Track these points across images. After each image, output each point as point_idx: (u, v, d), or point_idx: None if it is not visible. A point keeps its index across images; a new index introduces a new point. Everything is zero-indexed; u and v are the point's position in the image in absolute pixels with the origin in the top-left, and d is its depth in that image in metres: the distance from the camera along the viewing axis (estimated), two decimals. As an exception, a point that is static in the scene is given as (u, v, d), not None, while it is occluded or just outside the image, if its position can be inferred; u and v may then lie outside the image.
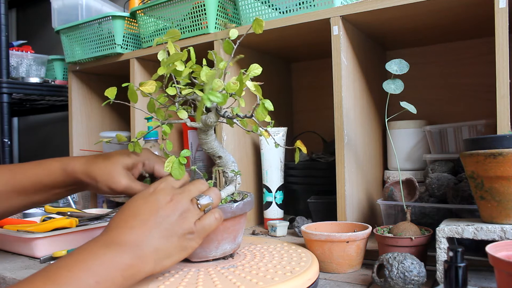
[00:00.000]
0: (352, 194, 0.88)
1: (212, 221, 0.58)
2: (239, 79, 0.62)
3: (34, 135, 2.27)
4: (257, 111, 0.64)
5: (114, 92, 0.65)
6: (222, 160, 0.70)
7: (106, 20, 1.23)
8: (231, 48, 0.65)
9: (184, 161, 0.65)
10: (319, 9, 0.89)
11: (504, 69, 0.70)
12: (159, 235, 0.53)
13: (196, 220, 0.57)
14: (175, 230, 0.55)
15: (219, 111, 0.64)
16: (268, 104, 0.64)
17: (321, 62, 1.28)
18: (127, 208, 0.56)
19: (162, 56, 0.65)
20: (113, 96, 0.65)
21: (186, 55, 0.64)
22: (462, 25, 0.95)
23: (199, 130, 0.67)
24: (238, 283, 0.56)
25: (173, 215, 0.55)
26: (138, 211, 0.55)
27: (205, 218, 0.58)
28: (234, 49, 0.65)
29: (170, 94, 0.65)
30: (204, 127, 0.66)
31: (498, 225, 0.58)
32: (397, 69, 0.75)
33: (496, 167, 0.58)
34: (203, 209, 0.58)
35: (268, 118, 0.65)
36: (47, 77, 1.71)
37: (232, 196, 0.69)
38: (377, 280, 0.61)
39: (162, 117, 0.69)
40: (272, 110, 0.64)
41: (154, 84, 0.64)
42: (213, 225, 0.58)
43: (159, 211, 0.55)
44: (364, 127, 0.96)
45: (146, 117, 0.95)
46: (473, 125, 0.90)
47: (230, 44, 0.65)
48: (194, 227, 0.56)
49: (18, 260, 0.83)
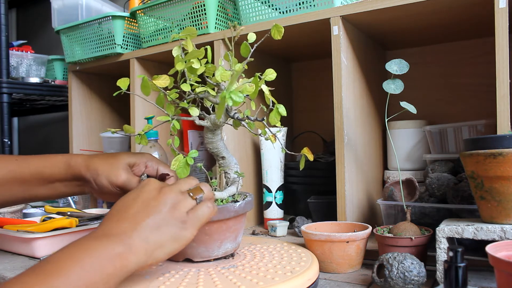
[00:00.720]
0: (352, 194, 0.88)
1: (205, 210, 0.57)
2: (254, 81, 0.63)
3: (34, 135, 2.27)
4: (270, 115, 0.65)
5: (127, 83, 0.66)
6: (225, 161, 0.71)
7: (106, 20, 1.23)
8: (248, 51, 0.67)
9: (191, 161, 0.65)
10: (319, 9, 0.89)
11: (504, 69, 0.70)
12: (149, 226, 0.53)
13: (189, 210, 0.56)
14: (167, 220, 0.54)
15: (229, 112, 0.65)
16: (282, 109, 0.65)
17: (321, 62, 1.28)
18: (119, 203, 0.56)
19: (176, 52, 0.65)
20: (125, 86, 0.66)
21: (203, 53, 0.65)
22: (462, 25, 0.95)
23: (206, 129, 0.68)
24: (239, 283, 0.56)
25: (164, 206, 0.55)
26: (129, 205, 0.55)
27: (198, 208, 0.57)
28: (251, 52, 0.66)
29: (185, 90, 0.65)
30: (213, 126, 0.67)
31: (498, 225, 0.58)
32: (397, 69, 0.75)
33: (496, 167, 0.58)
34: (195, 197, 0.58)
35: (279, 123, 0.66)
36: (47, 77, 1.71)
37: (233, 197, 0.69)
38: (377, 280, 0.61)
39: (172, 112, 0.69)
40: (285, 115, 0.65)
41: (167, 79, 0.65)
42: (206, 214, 0.57)
43: (150, 202, 0.55)
44: (364, 127, 0.96)
45: (146, 117, 0.96)
46: (473, 125, 0.90)
47: (248, 47, 0.67)
48: (186, 216, 0.55)
49: (18, 260, 0.83)
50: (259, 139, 1.05)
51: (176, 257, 0.67)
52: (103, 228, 0.53)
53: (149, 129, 0.70)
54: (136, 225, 0.52)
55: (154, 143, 1.04)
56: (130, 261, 0.50)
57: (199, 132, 1.29)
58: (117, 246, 0.50)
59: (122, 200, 0.57)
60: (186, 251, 0.66)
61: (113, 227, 0.52)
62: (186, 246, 0.64)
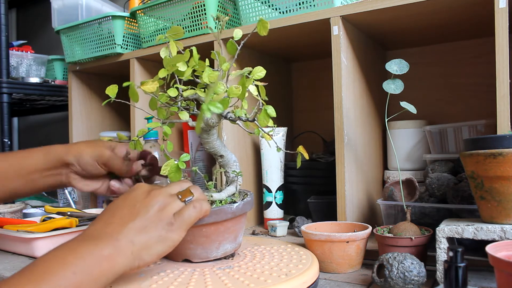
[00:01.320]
0: (352, 194, 0.88)
1: (191, 212, 0.57)
2: (241, 83, 0.62)
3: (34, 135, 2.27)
4: (259, 117, 0.64)
5: (115, 90, 0.65)
6: (224, 159, 0.70)
7: (106, 20, 1.23)
8: (234, 49, 0.65)
9: (183, 166, 0.65)
10: (319, 9, 0.89)
11: (504, 69, 0.70)
12: (136, 227, 0.53)
13: (176, 212, 0.57)
14: (153, 222, 0.55)
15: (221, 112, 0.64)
16: (270, 110, 0.63)
17: (321, 62, 1.28)
18: (108, 209, 0.57)
19: (164, 54, 0.64)
20: (114, 94, 0.65)
21: (188, 56, 0.64)
22: (462, 25, 0.95)
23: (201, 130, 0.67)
24: (230, 285, 0.56)
25: (151, 208, 0.55)
26: (117, 209, 0.56)
27: (184, 209, 0.57)
28: (238, 50, 0.65)
29: (172, 95, 0.65)
30: (206, 127, 0.66)
31: (498, 225, 0.58)
32: (397, 69, 0.75)
33: (496, 167, 0.58)
34: (183, 199, 0.58)
35: (271, 123, 0.65)
36: (47, 77, 1.71)
37: (232, 197, 0.69)
38: (377, 280, 0.61)
39: (164, 116, 0.68)
40: (274, 116, 0.63)
41: (155, 84, 0.64)
42: (192, 216, 0.57)
43: (136, 205, 0.55)
44: (364, 127, 0.96)
45: (146, 117, 0.96)
46: (473, 125, 0.90)
47: (234, 45, 0.65)
48: (173, 218, 0.56)
49: (18, 260, 0.83)
50: (259, 139, 1.05)
51: (175, 257, 0.67)
52: (92, 231, 0.53)
53: (143, 133, 0.69)
54: (123, 227, 0.53)
55: (154, 143, 1.04)
56: (117, 262, 0.51)
57: (199, 132, 1.29)
58: (104, 248, 0.50)
59: (112, 204, 0.58)
60: (185, 252, 0.65)
61: (101, 229, 0.53)
62: (185, 247, 0.64)
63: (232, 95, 0.62)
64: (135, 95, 0.65)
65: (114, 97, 0.65)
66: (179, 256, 0.66)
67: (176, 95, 0.65)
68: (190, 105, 0.68)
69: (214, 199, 0.66)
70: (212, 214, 0.62)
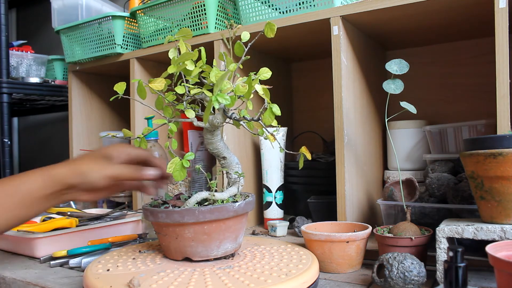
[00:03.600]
0: (352, 194, 0.88)
1: None
2: (248, 82, 0.62)
3: (34, 135, 2.27)
4: (264, 115, 0.64)
5: (123, 87, 0.66)
6: (226, 161, 0.71)
7: (106, 20, 1.23)
8: (242, 50, 0.66)
9: (187, 164, 0.65)
10: (319, 9, 0.89)
11: (504, 69, 0.70)
12: None
13: None
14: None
15: (226, 113, 0.65)
16: (275, 108, 0.64)
17: (321, 62, 1.28)
18: None
19: (173, 54, 0.65)
20: (122, 91, 0.66)
21: (197, 55, 0.64)
22: (462, 25, 0.95)
23: (205, 130, 0.68)
24: (230, 285, 0.56)
25: None
26: None
27: None
28: (245, 51, 0.66)
29: (179, 92, 0.66)
30: (211, 127, 0.67)
31: (498, 225, 0.58)
32: (397, 69, 0.75)
33: (496, 167, 0.58)
34: None
35: (275, 122, 0.65)
36: (47, 77, 1.71)
37: (234, 198, 0.69)
38: (377, 280, 0.61)
39: (170, 115, 0.69)
40: (279, 114, 0.64)
41: (163, 82, 0.65)
42: None
43: None
44: (364, 127, 0.96)
45: (146, 117, 0.96)
46: (473, 125, 0.90)
47: (241, 47, 0.66)
48: None
49: (18, 260, 0.83)
50: (259, 139, 1.05)
51: (175, 255, 0.67)
52: None
53: (149, 131, 0.70)
54: None
55: (154, 143, 1.04)
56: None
57: (199, 132, 1.29)
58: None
59: None
60: (185, 250, 0.66)
61: None
62: (186, 245, 0.64)
63: (239, 93, 0.62)
64: (143, 92, 0.66)
65: (122, 93, 0.66)
66: (180, 254, 0.66)
67: (183, 92, 0.66)
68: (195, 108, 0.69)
69: (216, 199, 0.66)
70: (215, 211, 0.63)
